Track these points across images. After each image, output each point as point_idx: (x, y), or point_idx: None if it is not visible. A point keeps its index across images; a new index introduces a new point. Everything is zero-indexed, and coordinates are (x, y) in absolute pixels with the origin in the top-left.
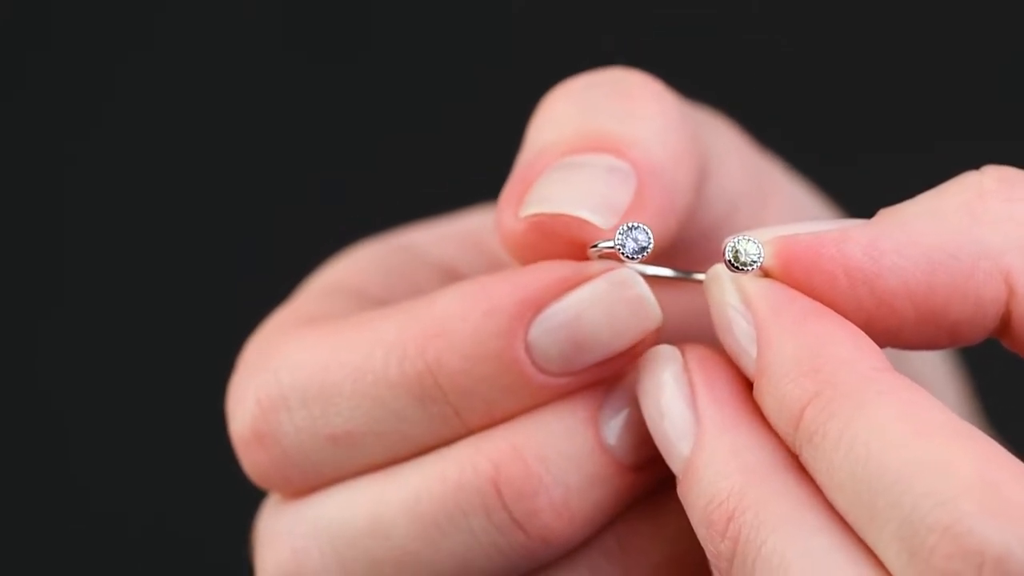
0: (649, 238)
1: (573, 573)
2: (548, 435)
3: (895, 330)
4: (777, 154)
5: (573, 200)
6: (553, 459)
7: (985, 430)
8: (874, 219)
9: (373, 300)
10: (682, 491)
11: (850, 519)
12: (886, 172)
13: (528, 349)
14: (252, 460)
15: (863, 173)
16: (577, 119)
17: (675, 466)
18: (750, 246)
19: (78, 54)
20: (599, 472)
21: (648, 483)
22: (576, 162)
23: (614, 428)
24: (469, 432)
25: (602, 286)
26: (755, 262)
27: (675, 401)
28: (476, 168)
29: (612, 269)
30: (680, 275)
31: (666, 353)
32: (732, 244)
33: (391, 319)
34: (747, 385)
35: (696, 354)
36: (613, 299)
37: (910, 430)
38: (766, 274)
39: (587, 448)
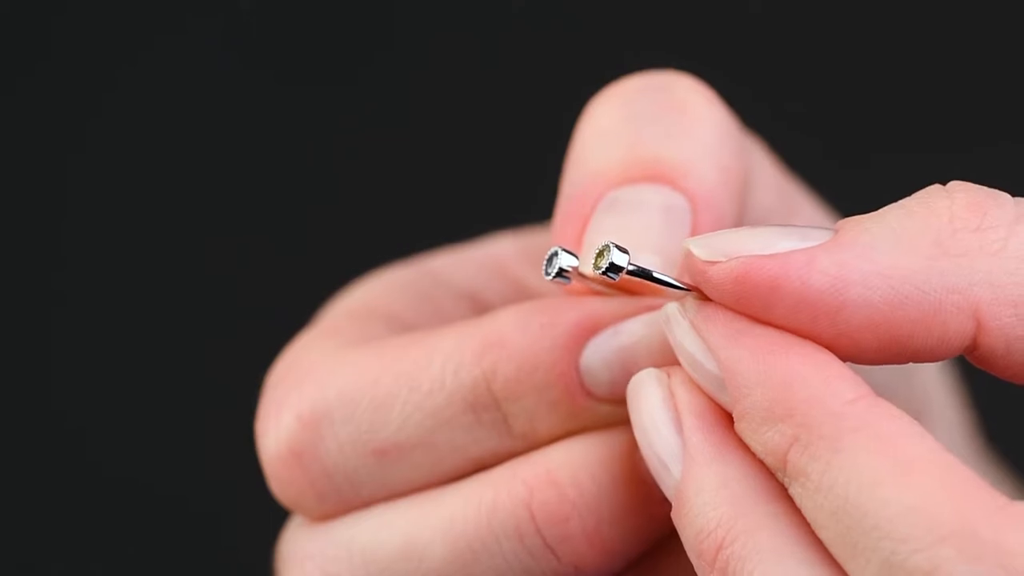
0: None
1: None
2: (584, 462)
3: (853, 355)
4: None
5: (639, 247)
6: (587, 486)
7: (981, 440)
8: (838, 237)
9: (403, 325)
10: (674, 518)
11: (835, 553)
12: (897, 173)
13: (578, 370)
14: (285, 480)
15: (875, 174)
16: (627, 138)
17: (667, 492)
18: (567, 258)
19: (78, 56)
20: (633, 503)
21: None
22: (631, 200)
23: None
24: (513, 448)
25: (658, 319)
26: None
27: (664, 426)
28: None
29: (670, 302)
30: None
31: (654, 376)
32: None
33: (450, 332)
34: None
35: (680, 378)
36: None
37: (887, 471)
38: (702, 292)
39: (622, 478)
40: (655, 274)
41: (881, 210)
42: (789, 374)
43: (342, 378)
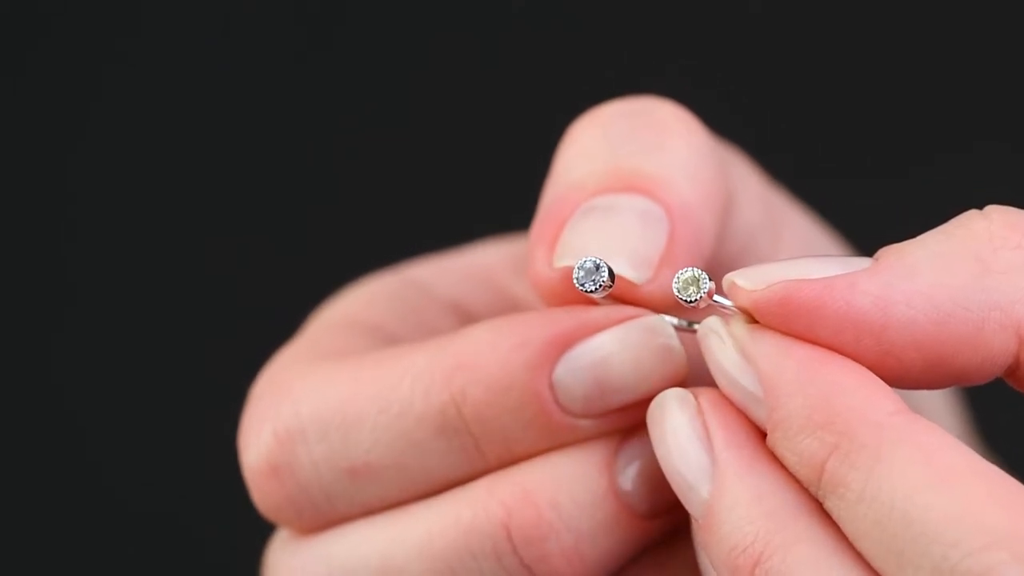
0: (606, 277)
1: None
2: (561, 480)
3: (898, 376)
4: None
5: (608, 252)
6: (565, 505)
7: (982, 451)
8: (879, 263)
9: (387, 336)
10: (703, 536)
11: (876, 565)
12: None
13: (552, 387)
14: (265, 493)
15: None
16: (607, 153)
17: (694, 510)
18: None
19: (77, 55)
20: (611, 519)
21: (663, 531)
22: (608, 205)
23: (629, 475)
24: (487, 469)
25: (631, 331)
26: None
27: (691, 444)
28: (480, 193)
29: (642, 315)
30: (681, 325)
31: (679, 396)
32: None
33: (421, 351)
34: (761, 430)
35: (709, 397)
36: (641, 345)
37: (932, 478)
38: (754, 317)
39: (600, 494)
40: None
41: (919, 236)
42: (832, 383)
43: (316, 396)
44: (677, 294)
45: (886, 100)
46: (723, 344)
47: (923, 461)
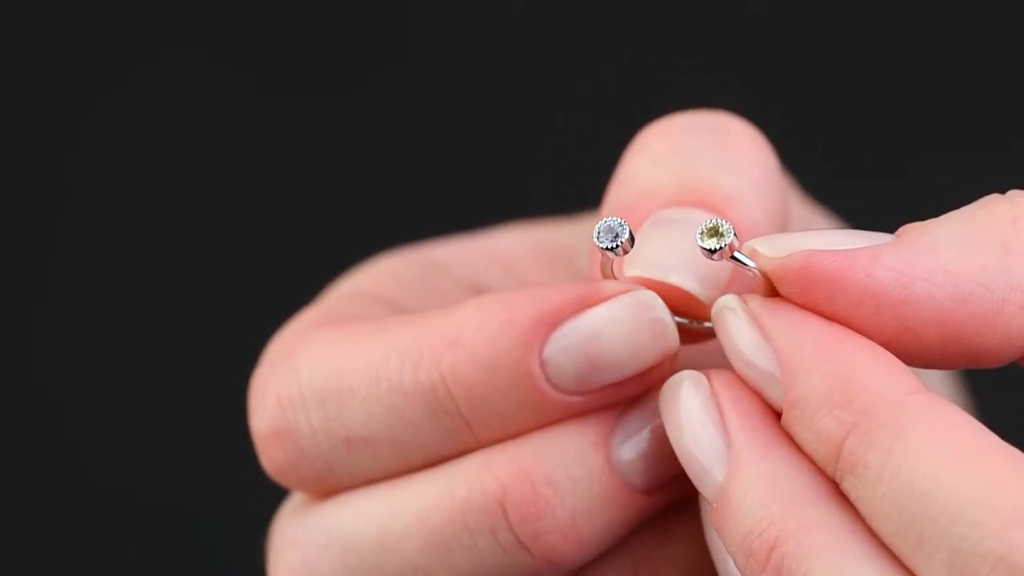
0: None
1: None
2: (557, 456)
3: (915, 353)
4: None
5: (679, 267)
6: (561, 481)
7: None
8: (901, 239)
9: (399, 309)
10: (718, 520)
11: (895, 547)
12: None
13: (543, 364)
14: (270, 457)
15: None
16: (680, 164)
17: (708, 493)
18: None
19: (79, 60)
20: (607, 495)
21: (660, 506)
22: (679, 218)
23: (626, 452)
24: (480, 446)
25: (622, 306)
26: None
27: (705, 427)
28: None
29: (633, 290)
30: (688, 323)
31: (692, 378)
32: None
33: (408, 326)
34: (775, 411)
35: (722, 379)
36: (632, 320)
37: (952, 457)
38: (773, 287)
39: (596, 470)
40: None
41: (942, 216)
42: (850, 362)
43: (314, 364)
44: (699, 242)
45: (886, 100)
46: (738, 320)
47: (944, 441)
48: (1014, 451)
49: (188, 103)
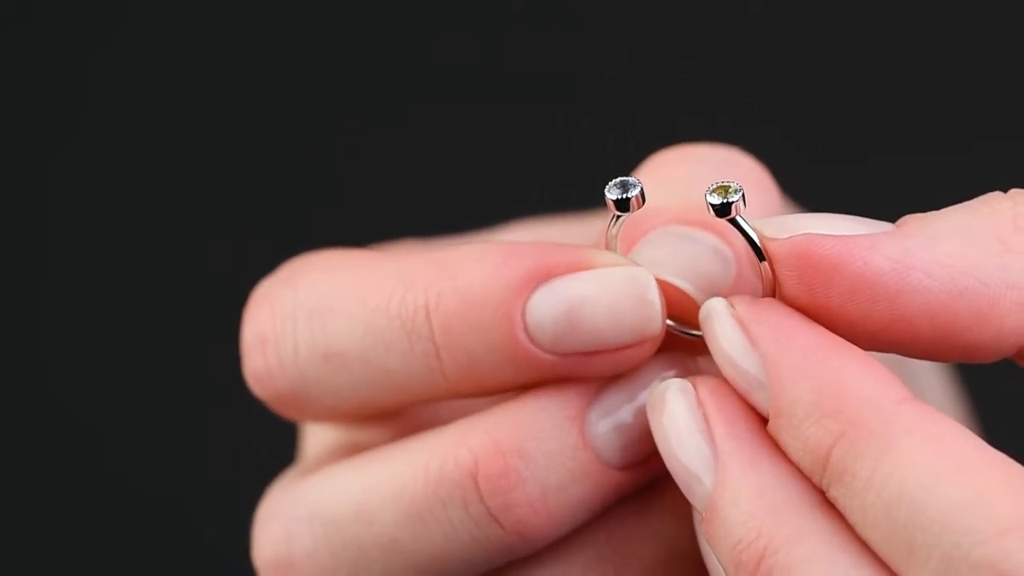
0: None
1: (565, 573)
2: (530, 430)
3: (907, 344)
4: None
5: (684, 272)
6: (533, 454)
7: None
8: (901, 229)
9: None
10: (708, 530)
11: (884, 555)
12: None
13: (524, 313)
14: (251, 359)
15: (871, 174)
16: (689, 188)
17: (697, 503)
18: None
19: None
20: (581, 470)
21: (637, 483)
22: (684, 233)
23: (602, 427)
24: (448, 385)
25: (615, 277)
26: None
27: (692, 436)
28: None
29: (630, 265)
30: (680, 330)
31: (678, 386)
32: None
33: (414, 255)
34: (762, 417)
35: (708, 387)
36: (622, 292)
37: (944, 465)
38: (774, 268)
39: (570, 444)
40: (741, 223)
41: (943, 209)
42: (838, 370)
43: (313, 285)
44: (707, 198)
45: (886, 100)
46: (725, 324)
47: (934, 449)
48: (1004, 458)
49: (188, 103)
